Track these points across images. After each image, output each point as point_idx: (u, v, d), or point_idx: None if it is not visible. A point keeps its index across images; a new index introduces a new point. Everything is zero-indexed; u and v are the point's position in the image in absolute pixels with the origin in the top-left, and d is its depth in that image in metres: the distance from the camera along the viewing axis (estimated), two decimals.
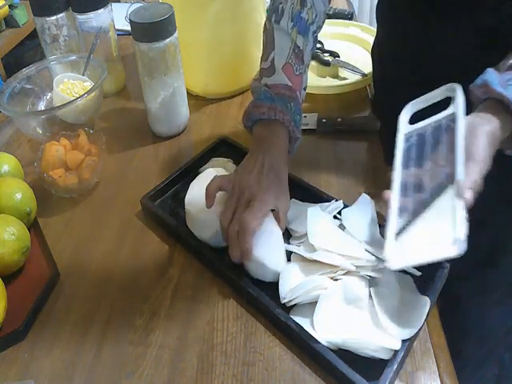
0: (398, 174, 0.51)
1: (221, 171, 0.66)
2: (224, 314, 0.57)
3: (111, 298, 0.60)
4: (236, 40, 0.88)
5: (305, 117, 0.84)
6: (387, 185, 0.74)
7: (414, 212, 0.47)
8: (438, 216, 0.45)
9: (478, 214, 0.75)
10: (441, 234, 0.43)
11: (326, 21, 0.75)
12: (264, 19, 0.71)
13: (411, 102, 0.55)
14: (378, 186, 0.72)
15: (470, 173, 0.46)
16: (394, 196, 0.50)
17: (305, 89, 0.70)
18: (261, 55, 0.70)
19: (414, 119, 0.54)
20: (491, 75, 0.51)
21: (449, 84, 0.51)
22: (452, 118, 0.49)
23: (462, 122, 0.48)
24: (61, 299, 0.61)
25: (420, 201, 0.48)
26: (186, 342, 0.55)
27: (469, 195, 0.44)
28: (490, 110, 0.50)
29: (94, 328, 0.57)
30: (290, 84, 0.65)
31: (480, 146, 0.47)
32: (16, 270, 0.62)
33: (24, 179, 0.73)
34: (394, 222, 0.48)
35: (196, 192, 0.64)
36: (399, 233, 0.47)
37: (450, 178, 0.45)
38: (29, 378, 0.53)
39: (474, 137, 0.48)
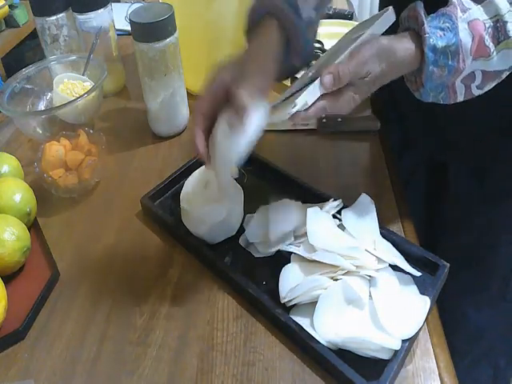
0: (313, 67, 0.60)
1: None
2: (224, 314, 0.57)
3: (111, 298, 0.60)
4: (236, 40, 0.88)
5: None
6: (387, 185, 0.74)
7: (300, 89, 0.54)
8: (304, 89, 0.51)
9: (459, 214, 0.75)
10: (295, 100, 0.49)
11: (326, 21, 0.75)
12: None
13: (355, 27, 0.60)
14: (378, 185, 0.72)
15: (341, 62, 0.49)
16: (296, 84, 0.59)
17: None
18: None
19: None
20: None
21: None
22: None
23: (369, 32, 0.50)
24: (61, 299, 0.61)
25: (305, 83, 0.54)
26: (186, 342, 0.55)
27: (327, 78, 0.47)
28: (407, 35, 0.50)
29: (94, 328, 0.57)
30: None
31: (363, 49, 0.48)
32: (16, 270, 0.62)
33: (24, 179, 0.73)
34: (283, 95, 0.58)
35: (190, 189, 0.64)
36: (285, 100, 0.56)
37: None
38: (29, 378, 0.53)
39: (365, 43, 0.49)
